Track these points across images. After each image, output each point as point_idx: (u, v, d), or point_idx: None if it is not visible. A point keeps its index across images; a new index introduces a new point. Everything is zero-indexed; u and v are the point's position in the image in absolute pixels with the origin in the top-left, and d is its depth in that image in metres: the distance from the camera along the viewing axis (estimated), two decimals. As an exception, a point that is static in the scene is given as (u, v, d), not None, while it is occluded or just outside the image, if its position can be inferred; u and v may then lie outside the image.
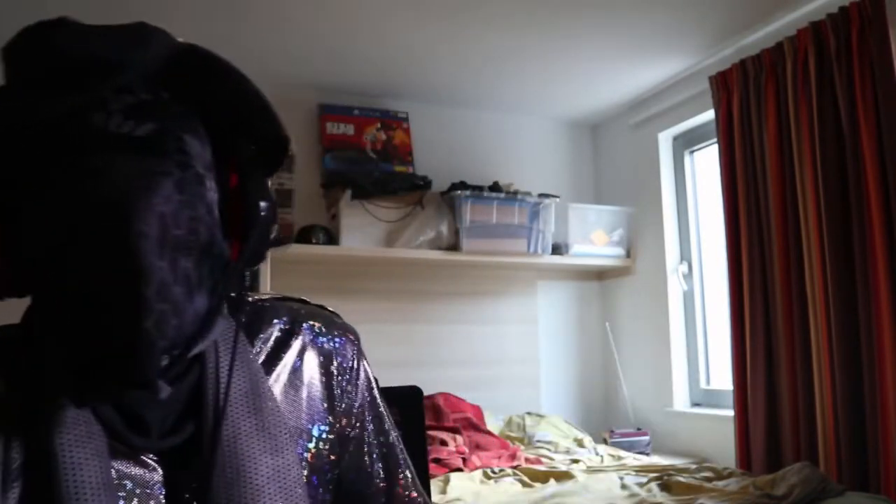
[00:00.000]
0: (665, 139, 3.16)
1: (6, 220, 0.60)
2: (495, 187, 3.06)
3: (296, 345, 0.75)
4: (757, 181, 2.47)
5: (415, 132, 3.17)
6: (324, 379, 0.75)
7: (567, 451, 2.73)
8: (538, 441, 2.83)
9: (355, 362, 0.79)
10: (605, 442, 2.91)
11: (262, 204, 0.67)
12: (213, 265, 0.63)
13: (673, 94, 3.00)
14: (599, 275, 3.50)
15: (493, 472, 2.33)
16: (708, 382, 2.98)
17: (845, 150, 2.15)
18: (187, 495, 0.63)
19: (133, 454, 0.62)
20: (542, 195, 3.09)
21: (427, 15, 2.45)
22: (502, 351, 3.23)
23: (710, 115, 2.80)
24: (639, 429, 3.02)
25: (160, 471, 0.63)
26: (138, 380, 0.56)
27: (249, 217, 0.66)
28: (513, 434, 2.90)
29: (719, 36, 2.62)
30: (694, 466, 2.38)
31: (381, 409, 0.82)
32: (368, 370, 0.81)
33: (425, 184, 2.89)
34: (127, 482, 0.61)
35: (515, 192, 3.05)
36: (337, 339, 0.78)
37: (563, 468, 2.38)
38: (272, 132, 0.68)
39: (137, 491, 0.61)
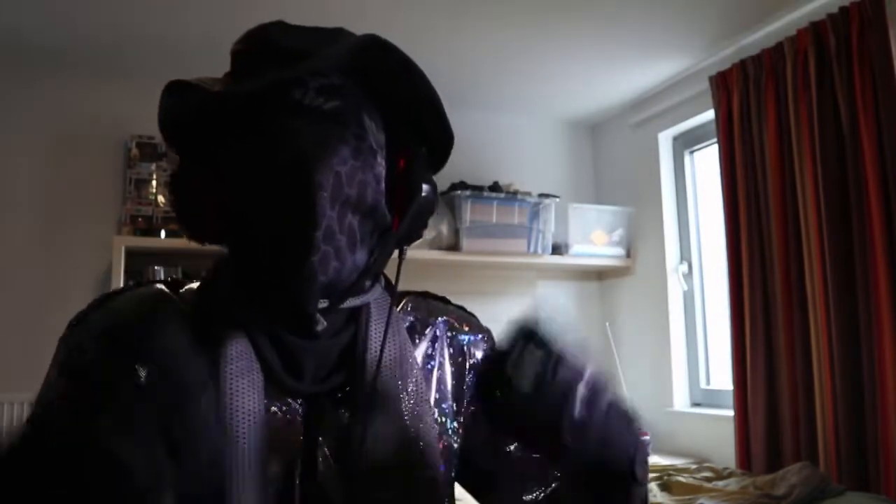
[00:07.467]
0: (665, 139, 3.16)
1: (219, 180, 0.72)
2: (495, 187, 3.06)
3: (428, 334, 0.83)
4: (757, 181, 2.47)
5: (415, 132, 3.17)
6: (453, 369, 0.83)
7: (567, 451, 2.72)
8: (538, 441, 2.82)
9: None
10: (605, 442, 2.90)
11: (425, 186, 0.75)
12: (374, 228, 0.73)
13: (673, 94, 3.00)
14: (599, 275, 3.50)
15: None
16: (708, 382, 2.98)
17: (845, 150, 2.15)
18: (321, 439, 0.71)
19: (283, 395, 0.71)
20: (542, 195, 3.09)
21: (427, 15, 2.45)
22: (502, 351, 3.22)
23: (710, 115, 2.80)
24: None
25: (301, 412, 0.71)
26: (301, 304, 0.66)
27: (411, 195, 0.75)
28: (513, 434, 2.90)
29: (719, 36, 2.62)
30: (694, 466, 2.38)
31: None
32: None
33: (425, 183, 2.89)
34: (275, 415, 0.69)
35: (515, 192, 3.05)
36: (470, 336, 0.86)
37: (563, 468, 2.38)
38: (439, 130, 0.78)
39: (282, 426, 0.69)
